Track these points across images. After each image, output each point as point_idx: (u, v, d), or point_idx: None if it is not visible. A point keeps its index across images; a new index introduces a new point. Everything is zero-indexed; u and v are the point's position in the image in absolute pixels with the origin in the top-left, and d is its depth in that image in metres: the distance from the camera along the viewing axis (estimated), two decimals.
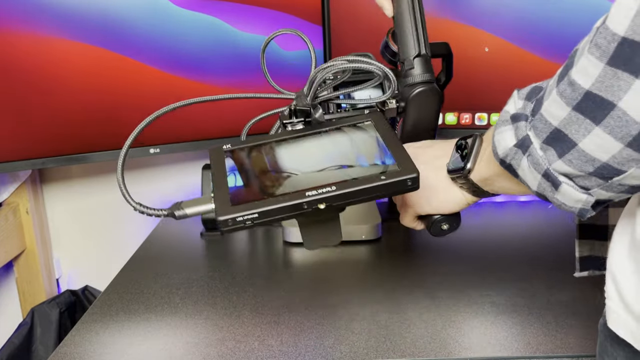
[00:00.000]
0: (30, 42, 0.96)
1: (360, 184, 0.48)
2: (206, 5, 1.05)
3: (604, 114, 0.37)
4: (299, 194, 0.48)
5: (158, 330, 0.78)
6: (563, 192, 0.42)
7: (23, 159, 1.01)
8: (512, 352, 0.69)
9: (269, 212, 0.48)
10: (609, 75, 0.36)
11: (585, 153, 0.39)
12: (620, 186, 0.39)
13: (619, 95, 0.36)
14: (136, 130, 0.63)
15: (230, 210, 0.48)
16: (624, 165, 0.38)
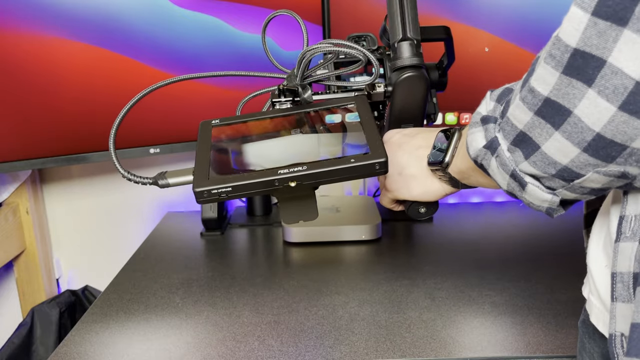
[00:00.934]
0: (30, 42, 0.96)
1: (330, 165, 0.50)
2: (206, 5, 1.05)
3: (562, 119, 0.38)
4: (272, 171, 0.50)
5: (158, 330, 0.78)
6: (529, 192, 0.44)
7: (23, 159, 1.01)
8: (512, 352, 0.69)
9: (241, 186, 0.51)
10: (564, 83, 0.37)
11: (547, 156, 0.41)
12: (581, 188, 0.41)
13: (574, 102, 0.37)
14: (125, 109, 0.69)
15: (205, 182, 0.51)
16: (582, 169, 0.39)
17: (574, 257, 0.96)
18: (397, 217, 1.17)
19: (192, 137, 1.11)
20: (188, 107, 1.09)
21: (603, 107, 0.36)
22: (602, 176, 0.39)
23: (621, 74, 0.35)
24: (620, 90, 0.35)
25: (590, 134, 0.37)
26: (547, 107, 0.39)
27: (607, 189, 0.42)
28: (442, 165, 0.55)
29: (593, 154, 0.38)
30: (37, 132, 1.00)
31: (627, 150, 0.37)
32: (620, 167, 0.38)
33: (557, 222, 1.12)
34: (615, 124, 0.36)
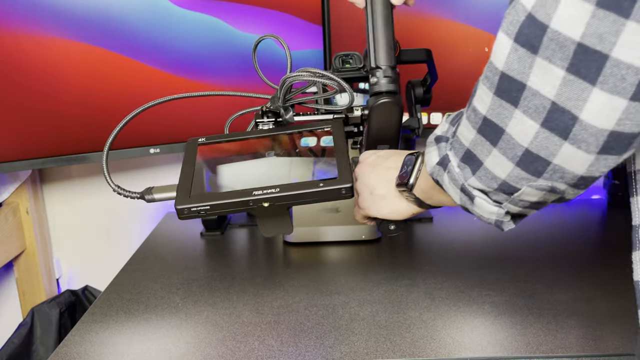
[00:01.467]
0: (30, 42, 0.96)
1: (300, 189, 0.55)
2: (206, 5, 1.05)
3: (498, 137, 0.42)
4: (247, 192, 0.55)
5: (158, 330, 0.78)
6: (478, 205, 0.49)
7: (23, 159, 1.01)
8: (512, 352, 0.69)
9: (219, 205, 0.55)
10: (497, 104, 0.41)
11: (489, 171, 0.45)
12: (522, 202, 0.45)
13: (505, 122, 0.41)
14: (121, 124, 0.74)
15: (187, 200, 0.56)
16: (517, 183, 0.43)
17: (574, 257, 0.96)
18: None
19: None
20: (188, 107, 1.09)
21: (529, 125, 0.40)
22: (535, 190, 0.43)
23: (539, 95, 0.38)
24: (540, 109, 0.38)
25: (520, 150, 0.41)
26: (486, 125, 0.43)
27: (544, 203, 0.46)
28: (408, 186, 0.59)
29: (524, 168, 0.42)
30: (37, 132, 1.00)
31: (550, 166, 0.41)
32: (548, 182, 0.42)
33: (557, 222, 1.12)
34: (539, 140, 0.40)
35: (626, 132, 0.37)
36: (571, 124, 0.37)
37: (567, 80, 0.37)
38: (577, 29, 0.35)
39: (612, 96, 0.35)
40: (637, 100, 0.35)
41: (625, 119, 0.36)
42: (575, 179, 0.41)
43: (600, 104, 0.36)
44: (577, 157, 0.39)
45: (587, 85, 0.36)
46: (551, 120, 0.38)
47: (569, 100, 0.37)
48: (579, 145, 0.38)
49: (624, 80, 0.35)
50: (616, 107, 0.36)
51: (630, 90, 0.35)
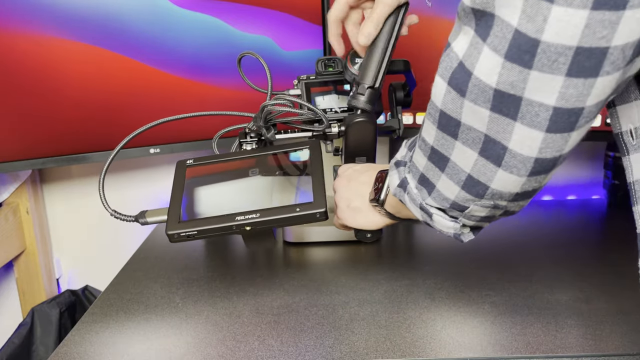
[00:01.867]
0: (30, 42, 0.96)
1: (279, 214, 0.60)
2: (206, 5, 1.05)
3: (445, 164, 0.48)
4: (230, 217, 0.60)
5: (158, 330, 0.78)
6: (436, 221, 0.54)
7: (23, 159, 1.01)
8: (512, 352, 0.69)
9: (205, 230, 0.61)
10: (440, 136, 0.47)
11: (441, 193, 0.50)
12: (473, 217, 0.51)
13: (449, 151, 0.47)
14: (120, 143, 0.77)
15: (176, 226, 0.61)
16: (465, 202, 0.49)
17: (574, 257, 0.96)
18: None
19: (192, 137, 1.11)
20: (188, 107, 1.09)
21: (469, 154, 0.45)
22: (481, 207, 0.49)
23: (473, 129, 0.43)
24: (477, 140, 0.44)
25: (464, 175, 0.47)
26: (434, 154, 0.49)
27: (494, 217, 0.51)
28: (379, 202, 0.63)
29: (468, 190, 0.47)
30: (37, 132, 1.00)
31: (489, 190, 0.46)
32: (490, 201, 0.47)
33: (557, 222, 1.12)
34: (478, 167, 0.45)
35: (548, 157, 0.42)
36: (502, 153, 0.43)
37: (492, 117, 0.41)
38: (492, 78, 0.40)
39: (531, 129, 0.40)
40: (551, 132, 0.40)
41: (545, 148, 0.41)
42: (512, 196, 0.46)
43: (523, 136, 0.41)
44: (511, 181, 0.44)
45: (510, 121, 0.41)
46: (486, 149, 0.43)
47: (497, 133, 0.42)
48: (511, 170, 0.43)
49: (538, 116, 0.40)
50: (535, 138, 0.41)
51: (544, 124, 0.40)
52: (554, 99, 0.38)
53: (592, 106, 0.39)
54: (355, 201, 0.67)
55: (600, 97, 0.39)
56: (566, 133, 0.40)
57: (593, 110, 0.39)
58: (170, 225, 0.62)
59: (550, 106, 0.39)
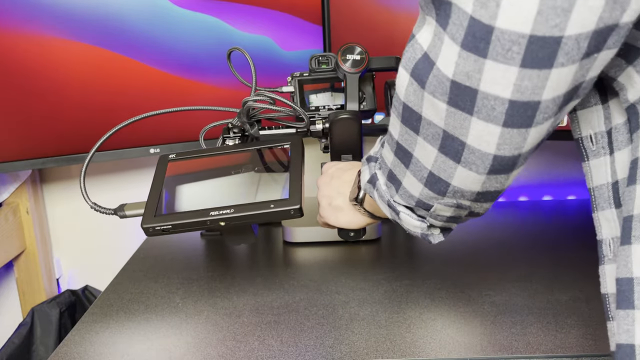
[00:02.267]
0: (30, 42, 0.96)
1: (253, 210, 0.60)
2: (206, 5, 1.05)
3: (409, 160, 0.47)
4: (205, 212, 0.60)
5: (158, 330, 0.78)
6: (403, 219, 0.53)
7: (23, 159, 1.01)
8: (512, 352, 0.69)
9: (180, 225, 0.61)
10: (404, 131, 0.46)
11: (406, 190, 0.50)
12: (439, 217, 0.50)
13: (412, 147, 0.46)
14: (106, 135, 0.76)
15: (151, 220, 0.62)
16: (429, 200, 0.48)
17: (574, 257, 0.96)
18: None
19: (192, 137, 1.11)
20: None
21: (429, 150, 0.44)
22: (444, 206, 0.48)
23: (433, 124, 0.43)
24: (436, 136, 0.43)
25: (426, 172, 0.46)
26: (399, 150, 0.48)
27: (460, 218, 0.51)
28: (358, 201, 0.62)
29: (431, 188, 0.47)
30: (37, 132, 1.00)
31: (450, 187, 0.45)
32: (453, 199, 0.47)
33: (557, 222, 1.12)
34: (438, 164, 0.44)
35: (507, 155, 0.41)
36: (461, 149, 0.42)
37: (449, 112, 0.41)
38: (449, 68, 0.39)
39: (487, 124, 0.39)
40: (508, 126, 0.39)
41: (503, 144, 0.40)
42: (474, 195, 0.46)
43: (480, 131, 0.40)
44: (470, 178, 0.44)
45: (466, 115, 0.40)
46: (445, 146, 0.43)
47: (455, 128, 0.41)
48: (470, 167, 0.43)
49: (494, 110, 0.39)
50: (492, 133, 0.40)
51: (501, 118, 0.39)
52: (510, 91, 0.38)
53: (549, 101, 0.38)
54: (336, 199, 0.67)
55: (557, 91, 0.38)
56: (524, 129, 0.39)
57: (550, 106, 0.39)
58: (146, 219, 0.62)
59: (505, 99, 0.38)
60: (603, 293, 0.49)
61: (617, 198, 0.46)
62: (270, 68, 1.11)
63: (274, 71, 1.11)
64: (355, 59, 0.77)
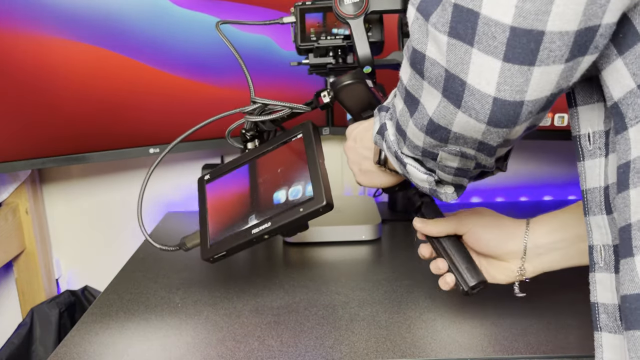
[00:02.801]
0: (30, 42, 0.96)
1: (287, 218, 0.64)
2: (206, 5, 1.05)
3: (415, 107, 0.45)
4: (248, 232, 0.66)
5: (158, 330, 0.78)
6: (410, 172, 0.52)
7: (23, 159, 1.01)
8: (512, 352, 0.69)
9: (232, 249, 0.68)
10: (412, 76, 0.44)
11: (411, 140, 0.48)
12: (446, 168, 0.49)
13: (419, 92, 0.44)
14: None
15: (208, 252, 0.70)
16: (433, 149, 0.47)
17: None
18: (397, 217, 1.17)
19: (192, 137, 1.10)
20: (188, 107, 1.09)
21: (434, 94, 0.42)
22: (449, 154, 0.46)
23: (435, 63, 0.40)
24: (439, 78, 0.41)
25: (426, 119, 0.44)
26: (407, 96, 0.46)
27: (468, 170, 0.49)
28: (381, 163, 0.63)
29: (432, 135, 0.45)
30: (36, 132, 1.00)
31: (451, 134, 0.43)
32: (456, 147, 0.45)
33: None
34: (439, 109, 0.42)
35: (508, 99, 0.38)
36: (461, 90, 0.39)
37: (450, 44, 0.38)
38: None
39: (487, 56, 0.37)
40: (508, 61, 0.36)
41: (503, 83, 0.37)
42: (477, 144, 0.44)
43: (480, 65, 0.38)
44: (470, 125, 0.41)
45: (467, 47, 0.38)
46: (447, 88, 0.40)
47: (456, 65, 0.39)
48: (470, 113, 0.40)
49: (494, 39, 0.36)
50: (493, 69, 0.37)
51: (501, 50, 0.36)
52: (511, 15, 0.35)
53: (555, 34, 0.35)
54: (364, 164, 0.66)
55: (565, 24, 0.35)
56: (525, 66, 0.36)
57: (556, 42, 0.35)
58: (203, 252, 0.70)
59: (507, 25, 0.35)
60: (592, 302, 0.46)
61: (608, 204, 0.44)
62: (270, 68, 1.11)
63: (274, 71, 1.11)
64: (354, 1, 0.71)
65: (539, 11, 0.34)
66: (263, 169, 0.71)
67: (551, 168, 1.25)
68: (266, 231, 0.65)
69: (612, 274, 0.44)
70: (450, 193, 0.53)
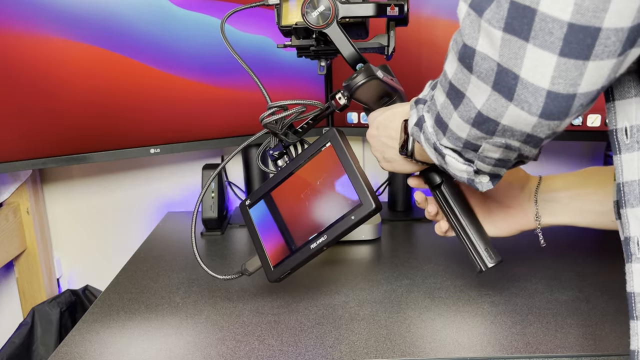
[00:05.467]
0: (30, 42, 0.96)
1: (341, 228, 0.67)
2: (206, 5, 1.05)
3: (459, 101, 0.46)
4: (307, 249, 0.70)
5: (158, 330, 0.78)
6: (449, 163, 0.53)
7: (23, 159, 1.01)
8: (511, 352, 0.69)
9: (295, 266, 0.71)
10: (459, 70, 0.45)
11: (453, 132, 0.49)
12: (487, 159, 0.50)
13: (465, 86, 0.45)
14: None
15: (273, 274, 0.73)
16: (477, 141, 0.48)
17: (574, 257, 0.96)
18: (397, 217, 1.17)
19: (192, 137, 1.11)
20: (188, 107, 1.09)
21: (483, 88, 0.43)
22: (492, 146, 0.47)
23: (487, 58, 0.41)
24: (490, 72, 0.42)
25: (474, 112, 0.45)
26: (451, 90, 0.47)
27: (509, 161, 0.50)
28: (408, 154, 0.65)
29: (479, 127, 0.46)
30: (37, 132, 1.00)
31: (499, 127, 0.44)
32: (502, 139, 0.46)
33: None
34: (489, 102, 0.43)
35: (561, 92, 0.39)
36: (514, 84, 0.40)
37: (504, 40, 0.40)
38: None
39: (543, 51, 0.38)
40: (564, 55, 0.38)
41: (558, 77, 0.39)
42: (524, 136, 0.44)
43: (534, 60, 0.39)
44: (522, 118, 0.42)
45: (522, 42, 0.39)
46: (499, 82, 0.41)
47: (509, 59, 0.40)
48: (522, 106, 0.41)
49: (551, 35, 0.37)
50: (548, 63, 0.38)
51: (558, 45, 0.37)
52: (570, 11, 0.36)
53: (611, 31, 0.36)
54: (387, 152, 0.69)
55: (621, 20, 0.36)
56: (581, 61, 0.38)
57: (612, 38, 0.37)
58: (269, 274, 0.73)
59: (564, 22, 0.37)
60: (629, 292, 0.47)
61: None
62: (270, 68, 1.11)
63: (274, 71, 1.11)
64: (320, 12, 0.70)
65: (597, 8, 0.36)
66: (301, 184, 0.72)
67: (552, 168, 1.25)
68: (324, 244, 0.69)
69: None
70: (486, 182, 0.54)
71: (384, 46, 0.77)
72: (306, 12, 0.69)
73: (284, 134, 0.74)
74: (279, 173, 0.74)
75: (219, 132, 1.12)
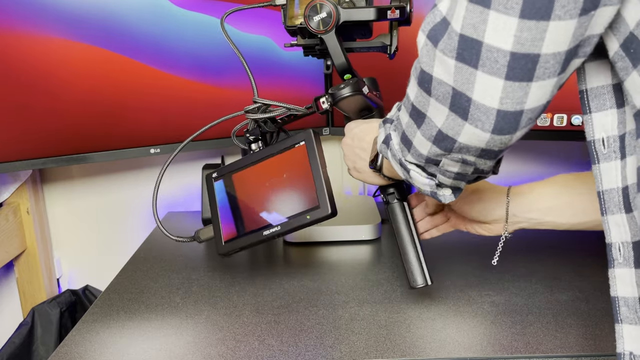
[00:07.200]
0: (30, 42, 0.96)
1: (295, 224, 0.71)
2: (206, 5, 1.05)
3: (422, 120, 0.50)
4: (259, 234, 0.73)
5: (158, 330, 0.78)
6: (413, 177, 0.57)
7: (23, 159, 1.01)
8: (512, 352, 0.69)
9: (245, 246, 0.74)
10: (419, 94, 0.49)
11: (416, 149, 0.53)
12: (447, 172, 0.54)
13: (425, 108, 0.49)
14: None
15: (223, 248, 0.75)
16: (437, 157, 0.51)
17: (574, 257, 0.96)
18: None
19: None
20: (188, 107, 1.09)
21: (441, 109, 0.47)
22: (451, 161, 0.51)
23: (442, 83, 0.45)
24: (446, 95, 0.45)
25: (435, 130, 0.49)
26: (414, 110, 0.51)
27: (466, 175, 0.54)
28: (377, 168, 0.69)
29: (438, 145, 0.49)
30: (37, 132, 1.00)
31: (456, 144, 0.48)
32: (458, 154, 0.49)
33: None
34: (448, 122, 0.47)
35: (510, 110, 0.43)
36: (467, 105, 0.44)
37: (457, 67, 0.43)
38: (458, 22, 0.42)
39: (491, 77, 0.42)
40: (510, 79, 0.41)
41: (505, 98, 0.42)
42: (479, 151, 0.48)
43: (484, 84, 0.42)
44: (476, 136, 0.46)
45: (472, 69, 0.43)
46: (454, 104, 0.45)
47: (462, 84, 0.44)
48: (476, 124, 0.45)
49: (497, 62, 0.41)
50: (496, 87, 0.42)
51: (503, 71, 0.41)
52: (510, 43, 0.40)
53: (549, 56, 0.40)
54: (358, 163, 0.73)
55: (557, 46, 0.40)
56: (525, 82, 0.41)
57: (550, 62, 0.41)
58: (219, 247, 0.76)
59: (507, 51, 0.40)
60: (613, 296, 0.49)
61: (627, 203, 0.47)
62: (270, 68, 1.11)
63: (274, 71, 1.11)
64: (322, 18, 0.72)
65: (534, 38, 0.40)
66: (269, 172, 0.74)
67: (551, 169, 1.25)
68: (276, 234, 0.72)
69: (632, 269, 0.47)
70: (449, 195, 0.58)
71: (387, 45, 0.78)
72: (308, 16, 0.72)
73: (263, 122, 0.76)
74: (249, 156, 0.76)
75: (219, 132, 1.12)
